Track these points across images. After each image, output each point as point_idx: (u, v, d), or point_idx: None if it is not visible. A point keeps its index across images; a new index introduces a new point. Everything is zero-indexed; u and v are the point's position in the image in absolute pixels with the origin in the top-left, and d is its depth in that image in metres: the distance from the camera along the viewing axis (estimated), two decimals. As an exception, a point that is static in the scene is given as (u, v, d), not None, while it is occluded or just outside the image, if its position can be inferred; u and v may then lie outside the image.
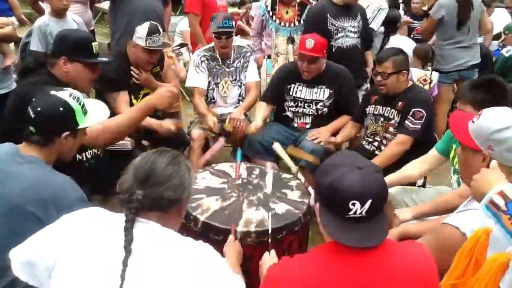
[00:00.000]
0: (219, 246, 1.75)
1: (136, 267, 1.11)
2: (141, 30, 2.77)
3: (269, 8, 3.72)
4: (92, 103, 1.88)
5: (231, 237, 1.75)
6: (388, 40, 4.43)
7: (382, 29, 4.33)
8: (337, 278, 1.15)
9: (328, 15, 3.42)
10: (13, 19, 3.95)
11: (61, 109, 1.66)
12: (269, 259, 1.63)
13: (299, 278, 1.16)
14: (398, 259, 1.19)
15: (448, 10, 3.81)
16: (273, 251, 1.69)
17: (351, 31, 3.48)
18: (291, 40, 3.74)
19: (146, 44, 2.76)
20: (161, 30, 2.86)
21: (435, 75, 4.07)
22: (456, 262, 1.11)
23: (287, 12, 3.73)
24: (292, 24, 3.73)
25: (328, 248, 1.20)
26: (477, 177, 1.28)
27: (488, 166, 1.38)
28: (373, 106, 2.86)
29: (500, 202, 1.10)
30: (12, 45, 3.10)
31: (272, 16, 3.72)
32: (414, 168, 2.34)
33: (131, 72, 2.87)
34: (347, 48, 3.49)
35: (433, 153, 2.33)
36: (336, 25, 3.43)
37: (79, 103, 1.72)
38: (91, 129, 1.94)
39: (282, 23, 3.72)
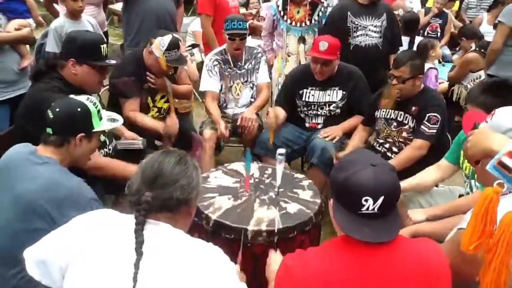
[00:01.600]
0: (230, 245, 1.77)
1: (148, 269, 1.13)
2: (162, 41, 2.73)
3: (280, 8, 3.72)
4: (108, 113, 1.95)
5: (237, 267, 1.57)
6: (413, 43, 4.41)
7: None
8: (350, 271, 1.17)
9: (349, 13, 3.41)
10: (30, 21, 4.03)
11: (78, 109, 1.74)
12: (276, 258, 1.62)
13: (314, 270, 1.19)
14: (410, 254, 1.21)
15: None
16: (279, 251, 1.68)
17: (372, 31, 3.44)
18: (302, 40, 3.74)
19: (163, 57, 2.75)
20: (180, 45, 2.84)
21: (425, 67, 4.00)
22: (473, 223, 1.07)
23: (298, 12, 3.73)
24: (303, 24, 3.73)
25: (340, 242, 1.22)
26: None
27: None
28: (384, 110, 2.83)
29: (511, 163, 1.07)
30: (27, 46, 3.16)
31: (283, 16, 3.73)
32: (429, 175, 2.32)
33: (147, 77, 2.88)
34: (365, 46, 3.46)
35: (444, 162, 2.31)
36: (356, 22, 3.41)
37: (96, 107, 1.79)
38: (102, 159, 2.10)
39: (293, 23, 3.72)
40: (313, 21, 3.66)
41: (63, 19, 3.33)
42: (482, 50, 4.09)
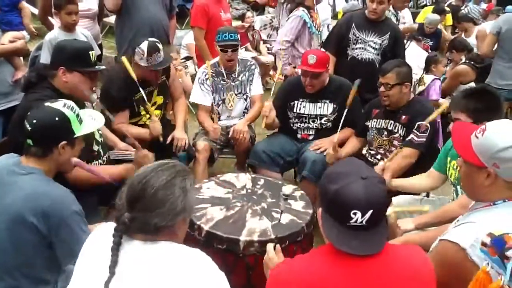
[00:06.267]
0: (222, 255, 1.78)
1: None
2: (141, 50, 2.75)
3: (309, 15, 3.79)
4: (87, 113, 1.90)
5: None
6: (409, 45, 4.55)
7: None
8: (336, 279, 1.18)
9: (353, 24, 3.49)
10: (24, 33, 4.05)
11: (56, 118, 1.68)
12: (273, 256, 1.57)
13: (300, 276, 1.20)
14: (396, 262, 1.22)
15: (506, 23, 3.77)
16: (278, 246, 1.62)
17: (371, 46, 3.48)
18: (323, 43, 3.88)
19: (148, 64, 2.77)
20: (160, 46, 2.82)
21: (428, 78, 4.14)
22: None
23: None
24: (319, 28, 3.91)
25: (328, 250, 1.24)
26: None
27: (492, 183, 1.35)
28: (375, 120, 2.85)
29: (487, 240, 1.14)
30: (21, 58, 3.17)
31: (313, 22, 3.82)
32: (421, 180, 2.36)
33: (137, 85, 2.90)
34: (361, 60, 3.50)
35: (433, 172, 2.34)
36: (357, 35, 3.48)
37: (74, 112, 1.74)
38: (80, 173, 2.02)
39: (317, 28, 3.86)
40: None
41: (57, 32, 3.36)
42: (472, 63, 4.17)
